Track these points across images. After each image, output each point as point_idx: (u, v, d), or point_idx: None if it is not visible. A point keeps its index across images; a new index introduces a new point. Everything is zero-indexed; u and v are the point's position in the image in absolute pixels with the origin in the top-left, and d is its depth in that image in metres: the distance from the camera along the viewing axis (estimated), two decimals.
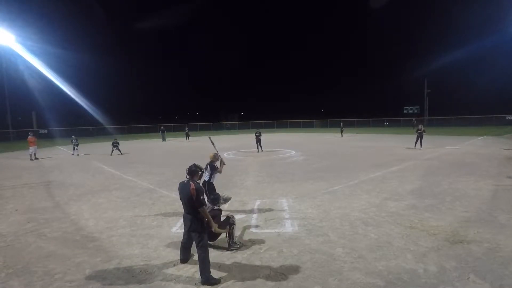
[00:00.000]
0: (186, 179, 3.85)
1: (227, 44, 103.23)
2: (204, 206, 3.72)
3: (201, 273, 3.60)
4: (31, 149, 16.57)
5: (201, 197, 3.70)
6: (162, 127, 31.19)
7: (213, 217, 4.33)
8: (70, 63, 46.19)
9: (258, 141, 17.35)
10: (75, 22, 68.41)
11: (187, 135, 29.28)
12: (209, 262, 3.68)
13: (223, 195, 4.85)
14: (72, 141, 18.85)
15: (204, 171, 5.55)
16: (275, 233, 5.08)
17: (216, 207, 4.54)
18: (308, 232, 5.07)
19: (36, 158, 16.53)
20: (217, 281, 3.56)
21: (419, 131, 16.46)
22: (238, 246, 4.52)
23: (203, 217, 3.79)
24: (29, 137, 16.89)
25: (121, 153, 18.10)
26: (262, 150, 17.11)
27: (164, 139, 29.59)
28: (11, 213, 6.72)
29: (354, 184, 8.54)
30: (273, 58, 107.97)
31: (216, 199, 4.61)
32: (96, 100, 43.08)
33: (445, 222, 5.31)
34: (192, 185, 3.71)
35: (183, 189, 3.79)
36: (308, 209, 6.35)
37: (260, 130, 19.15)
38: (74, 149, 18.71)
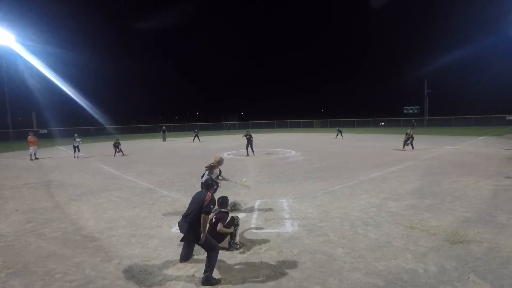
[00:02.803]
0: (202, 189, 4.12)
1: (227, 44, 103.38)
2: (208, 216, 3.72)
3: (205, 271, 3.57)
4: (31, 149, 16.57)
5: (211, 206, 3.76)
6: (163, 127, 30.91)
7: (219, 219, 4.39)
8: (70, 63, 46.40)
9: (250, 143, 16.15)
10: (75, 22, 68.67)
11: (197, 136, 27.74)
12: (215, 262, 3.66)
13: (237, 203, 4.76)
14: (75, 139, 17.23)
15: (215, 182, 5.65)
16: (275, 233, 5.08)
17: (223, 210, 4.59)
18: (308, 232, 5.07)
19: (36, 158, 16.54)
20: (217, 281, 3.56)
21: (407, 135, 16.38)
22: (239, 246, 4.52)
23: (199, 228, 3.69)
24: (29, 137, 16.89)
25: (123, 154, 17.56)
26: (254, 154, 16.03)
27: (164, 139, 29.42)
28: (11, 213, 6.71)
29: (354, 184, 8.54)
30: (273, 58, 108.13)
31: (224, 202, 4.68)
32: (96, 100, 43.17)
33: (445, 222, 5.31)
34: (209, 194, 3.86)
35: (198, 195, 3.92)
36: (308, 209, 6.35)
37: (254, 130, 18.36)
38: (75, 151, 17.12)
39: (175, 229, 5.37)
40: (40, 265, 4.15)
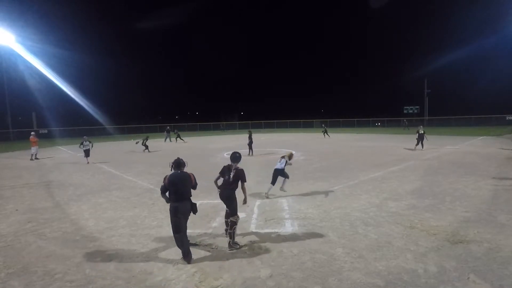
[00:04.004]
0: (178, 171, 4.28)
1: (227, 44, 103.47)
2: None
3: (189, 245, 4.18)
4: (33, 149, 16.56)
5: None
6: (167, 127, 30.50)
7: (238, 176, 4.70)
8: (70, 63, 46.33)
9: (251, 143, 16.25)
10: (75, 22, 68.77)
11: (177, 136, 28.01)
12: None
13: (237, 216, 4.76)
14: (83, 143, 14.54)
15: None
16: (275, 233, 5.08)
17: (238, 166, 4.82)
18: (308, 232, 5.07)
19: (36, 158, 16.52)
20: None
21: (422, 133, 16.32)
22: (238, 247, 4.52)
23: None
24: (31, 137, 16.87)
25: (148, 151, 19.13)
26: (252, 154, 16.05)
27: (165, 139, 29.00)
28: (11, 213, 6.71)
29: (354, 184, 8.54)
30: (273, 58, 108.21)
31: (238, 157, 4.91)
32: (96, 100, 43.19)
33: (445, 222, 5.31)
34: (190, 174, 4.35)
35: (181, 178, 4.21)
36: (308, 209, 6.35)
37: (253, 130, 18.45)
38: (86, 154, 14.52)
39: None
40: (40, 265, 4.16)
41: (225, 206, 4.76)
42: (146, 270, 3.91)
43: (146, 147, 19.27)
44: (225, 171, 4.81)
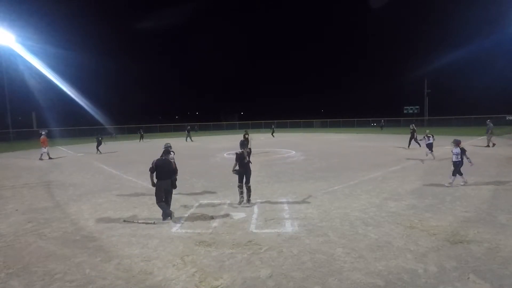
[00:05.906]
0: (164, 157, 5.98)
1: (227, 44, 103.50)
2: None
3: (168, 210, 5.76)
4: (44, 149, 16.50)
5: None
6: (188, 127, 30.51)
7: (249, 154, 6.71)
8: (70, 63, 46.39)
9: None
10: (75, 22, 68.77)
11: (141, 136, 28.71)
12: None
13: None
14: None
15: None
16: (275, 233, 5.07)
17: (247, 149, 6.69)
18: (308, 232, 5.07)
19: (41, 159, 16.42)
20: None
21: (413, 131, 16.74)
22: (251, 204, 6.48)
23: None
24: (42, 137, 16.79)
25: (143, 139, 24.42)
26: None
27: (186, 139, 28.54)
28: (11, 213, 6.71)
29: (354, 184, 8.54)
30: (273, 59, 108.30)
31: (246, 143, 6.73)
32: (96, 100, 43.23)
33: (445, 222, 5.31)
34: (172, 161, 6.20)
35: (167, 164, 5.90)
36: (308, 209, 6.34)
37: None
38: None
39: (175, 229, 5.40)
40: (40, 265, 4.16)
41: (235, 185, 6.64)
42: (146, 270, 3.91)
43: (141, 136, 26.70)
44: (240, 157, 6.49)
